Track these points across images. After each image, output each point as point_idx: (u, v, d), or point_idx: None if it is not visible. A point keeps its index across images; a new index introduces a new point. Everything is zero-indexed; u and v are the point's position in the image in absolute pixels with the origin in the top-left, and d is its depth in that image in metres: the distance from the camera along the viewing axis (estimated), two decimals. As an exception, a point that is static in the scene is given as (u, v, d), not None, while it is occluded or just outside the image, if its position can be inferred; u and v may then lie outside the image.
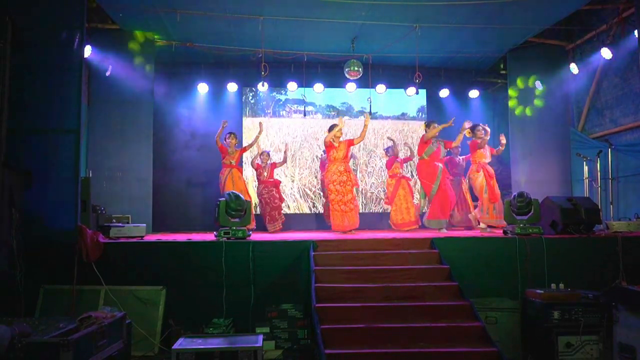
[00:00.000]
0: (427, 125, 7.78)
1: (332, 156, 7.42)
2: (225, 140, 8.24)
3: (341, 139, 7.47)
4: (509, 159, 9.25)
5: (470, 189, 8.09)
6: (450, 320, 4.68)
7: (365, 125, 7.33)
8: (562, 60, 8.88)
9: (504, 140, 7.85)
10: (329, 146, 7.47)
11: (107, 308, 3.96)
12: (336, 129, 7.38)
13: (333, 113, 10.14)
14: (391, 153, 8.78)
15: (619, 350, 4.40)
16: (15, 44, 4.78)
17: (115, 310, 3.89)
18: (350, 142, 7.51)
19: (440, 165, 7.76)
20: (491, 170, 7.60)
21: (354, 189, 7.55)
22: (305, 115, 9.68)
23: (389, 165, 8.77)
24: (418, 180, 8.22)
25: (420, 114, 10.33)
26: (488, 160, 7.62)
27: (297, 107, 10.15)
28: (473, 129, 7.65)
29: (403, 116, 10.41)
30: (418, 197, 8.75)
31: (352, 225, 7.34)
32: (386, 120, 10.31)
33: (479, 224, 7.56)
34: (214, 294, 5.32)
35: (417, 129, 10.08)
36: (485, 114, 10.59)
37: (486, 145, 7.64)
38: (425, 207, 7.96)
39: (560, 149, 8.87)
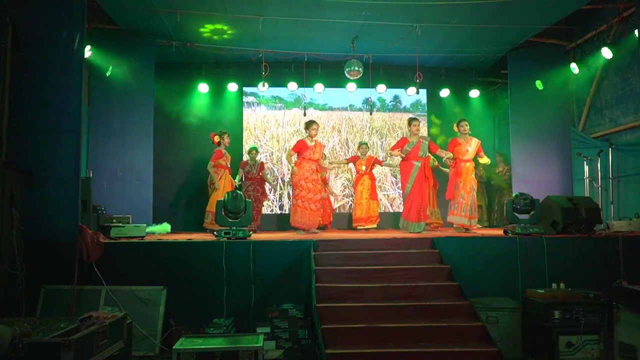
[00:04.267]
0: (408, 123, 7.57)
1: (307, 155, 7.54)
2: (224, 140, 8.27)
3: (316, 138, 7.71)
4: (509, 159, 9.27)
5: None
6: (451, 320, 4.68)
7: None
8: (563, 59, 8.87)
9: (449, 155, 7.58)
10: (303, 145, 7.56)
11: (107, 308, 3.96)
12: (313, 127, 7.59)
13: (279, 104, 10.37)
14: (362, 151, 8.95)
15: (620, 350, 4.40)
16: (15, 44, 4.79)
17: (116, 310, 3.90)
18: (323, 148, 7.89)
19: (417, 163, 7.37)
20: (463, 167, 7.47)
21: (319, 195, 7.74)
22: (305, 113, 9.70)
23: (351, 160, 9.10)
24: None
25: (365, 105, 10.41)
26: (464, 156, 7.50)
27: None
28: (458, 123, 7.63)
29: (350, 107, 10.56)
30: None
31: (313, 225, 7.51)
32: (334, 111, 10.50)
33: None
34: (215, 294, 5.32)
35: (363, 118, 10.48)
36: (486, 113, 10.61)
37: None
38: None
39: (561, 149, 8.86)
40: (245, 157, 9.31)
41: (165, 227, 7.55)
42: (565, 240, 5.92)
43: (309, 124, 7.68)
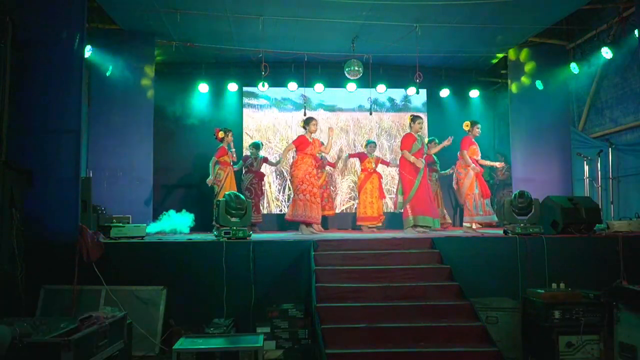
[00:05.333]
0: (413, 120, 7.49)
1: (309, 151, 7.55)
2: (228, 137, 8.32)
3: (314, 136, 7.73)
4: (509, 159, 9.28)
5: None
6: (451, 321, 4.68)
7: (331, 137, 7.87)
8: (563, 59, 8.88)
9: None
10: (304, 141, 7.56)
11: (107, 308, 3.96)
12: (312, 123, 7.61)
13: (290, 106, 10.41)
14: (370, 149, 8.87)
15: (620, 349, 4.40)
16: (15, 44, 4.78)
17: (116, 310, 3.89)
18: (320, 145, 7.86)
19: (423, 161, 7.42)
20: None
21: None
22: (305, 113, 9.71)
23: (356, 156, 9.09)
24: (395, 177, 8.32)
25: (374, 106, 10.29)
26: (479, 156, 7.64)
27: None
28: (473, 124, 7.65)
29: (358, 108, 10.57)
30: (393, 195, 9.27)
31: (318, 219, 7.53)
32: (342, 112, 10.54)
33: (465, 224, 7.52)
34: (215, 294, 5.32)
35: (371, 119, 10.42)
36: (486, 113, 10.62)
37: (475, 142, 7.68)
38: (403, 205, 7.47)
39: (561, 149, 8.87)
40: (246, 152, 9.29)
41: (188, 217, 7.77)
42: (565, 240, 5.92)
43: (309, 120, 7.68)
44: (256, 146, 9.06)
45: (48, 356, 2.78)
